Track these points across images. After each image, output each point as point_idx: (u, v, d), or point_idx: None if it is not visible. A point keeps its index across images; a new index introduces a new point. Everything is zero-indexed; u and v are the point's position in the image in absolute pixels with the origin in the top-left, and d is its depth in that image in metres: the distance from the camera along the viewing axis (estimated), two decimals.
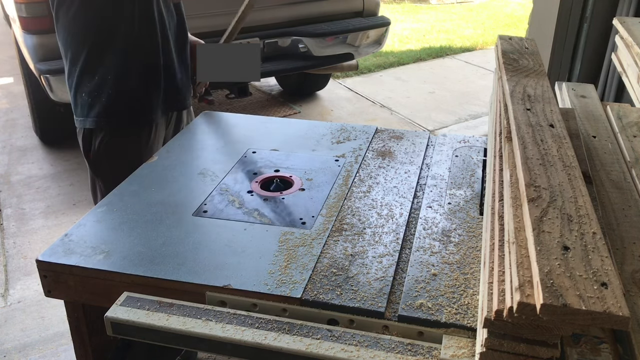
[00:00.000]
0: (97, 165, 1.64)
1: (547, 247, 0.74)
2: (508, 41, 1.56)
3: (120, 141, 1.62)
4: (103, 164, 1.63)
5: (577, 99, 1.67)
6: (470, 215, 1.19)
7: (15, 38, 3.65)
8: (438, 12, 8.36)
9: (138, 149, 1.63)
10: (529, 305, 0.68)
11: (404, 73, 5.66)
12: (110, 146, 1.61)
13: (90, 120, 1.60)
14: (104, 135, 1.60)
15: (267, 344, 0.88)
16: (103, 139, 1.60)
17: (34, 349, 2.29)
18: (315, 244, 1.10)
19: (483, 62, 5.95)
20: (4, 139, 4.09)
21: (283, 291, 0.97)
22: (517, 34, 6.69)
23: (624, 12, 3.06)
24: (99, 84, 1.57)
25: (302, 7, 3.94)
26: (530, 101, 1.19)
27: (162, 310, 0.96)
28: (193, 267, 1.03)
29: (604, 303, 0.65)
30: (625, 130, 1.45)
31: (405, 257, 1.07)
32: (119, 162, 1.60)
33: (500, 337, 0.75)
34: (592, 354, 0.78)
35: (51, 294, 1.10)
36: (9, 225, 3.10)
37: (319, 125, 1.69)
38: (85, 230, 1.16)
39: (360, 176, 1.37)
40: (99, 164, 1.64)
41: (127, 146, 1.63)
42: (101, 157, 1.62)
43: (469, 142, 1.53)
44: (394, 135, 1.59)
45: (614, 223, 1.07)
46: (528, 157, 0.96)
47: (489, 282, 0.81)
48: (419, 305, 0.93)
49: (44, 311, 2.47)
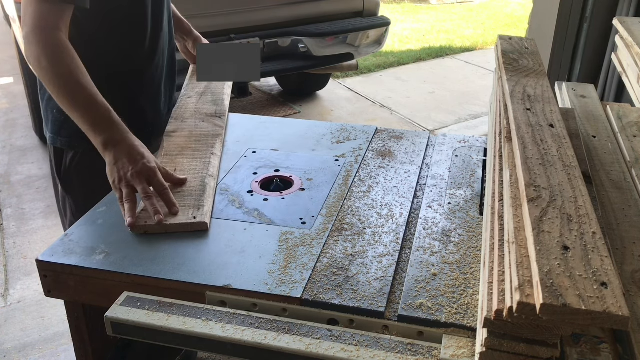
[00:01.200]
0: (68, 183, 1.53)
1: (547, 247, 0.74)
2: (508, 41, 1.56)
3: (93, 161, 1.45)
4: (74, 182, 1.52)
5: (577, 99, 1.67)
6: (470, 215, 1.19)
7: (15, 38, 3.65)
8: (438, 12, 8.36)
9: None
10: (529, 305, 0.68)
11: (404, 73, 5.67)
12: (82, 165, 1.49)
13: (61, 140, 1.48)
14: (74, 154, 1.48)
15: (267, 344, 0.88)
16: (74, 157, 1.49)
17: (34, 349, 2.29)
18: (315, 243, 1.10)
19: (483, 62, 5.96)
20: (4, 139, 4.09)
21: (283, 291, 0.97)
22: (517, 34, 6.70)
23: (624, 12, 3.06)
24: None
25: (302, 7, 3.94)
26: (530, 101, 1.19)
27: (162, 310, 0.96)
28: (193, 267, 1.03)
29: (603, 303, 0.65)
30: (625, 130, 1.45)
31: (405, 257, 1.07)
32: (91, 181, 1.46)
33: (500, 337, 0.75)
34: (592, 354, 0.78)
35: (51, 294, 1.10)
36: (9, 225, 3.11)
37: (319, 125, 1.69)
38: (85, 230, 1.16)
39: (360, 176, 1.37)
40: (70, 181, 1.52)
41: (100, 167, 1.47)
42: (72, 176, 1.51)
43: (469, 142, 1.53)
44: (394, 135, 1.59)
45: (614, 223, 1.07)
46: (528, 157, 0.96)
47: (488, 282, 0.81)
48: (419, 305, 0.93)
49: (44, 311, 2.47)
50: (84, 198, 1.44)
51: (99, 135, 1.21)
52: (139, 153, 1.20)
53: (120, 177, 1.18)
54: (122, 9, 1.39)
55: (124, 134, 1.23)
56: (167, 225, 1.13)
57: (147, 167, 1.18)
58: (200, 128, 1.54)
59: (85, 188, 1.49)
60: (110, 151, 1.20)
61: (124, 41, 1.43)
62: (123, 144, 1.21)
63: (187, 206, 1.19)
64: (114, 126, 1.22)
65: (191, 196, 1.23)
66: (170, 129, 1.52)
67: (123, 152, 1.20)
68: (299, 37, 3.81)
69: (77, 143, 1.46)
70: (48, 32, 1.22)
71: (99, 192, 1.32)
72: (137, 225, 1.13)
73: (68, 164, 1.50)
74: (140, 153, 1.21)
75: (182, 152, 1.41)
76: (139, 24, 1.44)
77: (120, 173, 1.18)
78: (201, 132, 1.52)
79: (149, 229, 1.13)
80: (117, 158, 1.19)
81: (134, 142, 1.22)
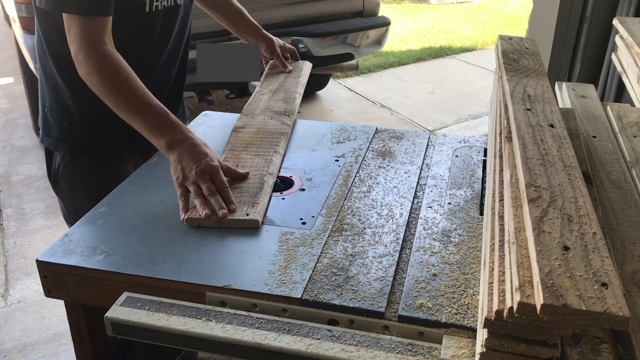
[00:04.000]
0: (57, 185, 1.52)
1: (547, 247, 0.74)
2: (508, 41, 1.56)
3: (81, 168, 1.49)
4: (62, 185, 1.51)
5: (577, 99, 1.67)
6: (470, 215, 1.19)
7: (15, 38, 3.65)
8: (438, 12, 8.36)
9: (100, 178, 1.48)
10: (529, 306, 0.68)
11: (404, 73, 5.66)
12: (69, 170, 1.48)
13: (49, 140, 1.48)
14: (63, 156, 1.47)
15: (267, 344, 0.88)
16: (63, 159, 1.47)
17: (34, 349, 2.29)
18: (315, 244, 1.10)
19: (483, 62, 5.96)
20: (4, 139, 4.09)
21: (283, 291, 0.97)
22: (517, 34, 6.70)
23: (624, 12, 3.06)
24: (62, 105, 1.44)
25: (302, 7, 3.94)
26: (531, 101, 1.19)
27: (162, 310, 0.96)
28: (193, 267, 1.03)
29: (604, 303, 0.65)
30: (625, 130, 1.45)
31: (406, 257, 1.07)
32: (78, 186, 1.48)
33: (501, 337, 0.75)
34: (592, 354, 0.78)
35: (51, 294, 1.10)
36: (9, 225, 3.10)
37: (319, 125, 1.69)
38: (85, 230, 1.16)
39: (360, 176, 1.37)
40: (59, 183, 1.51)
41: (87, 174, 1.49)
42: (61, 178, 1.50)
43: (469, 142, 1.53)
44: (394, 135, 1.59)
45: (614, 223, 1.07)
46: (528, 157, 0.96)
47: (489, 282, 0.81)
48: (419, 306, 0.93)
49: (44, 311, 2.47)
50: (72, 200, 1.44)
51: (161, 137, 1.23)
52: (202, 152, 1.22)
53: (185, 175, 1.20)
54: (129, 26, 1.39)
55: (185, 134, 1.24)
56: (220, 220, 1.15)
57: (209, 165, 1.20)
58: (268, 125, 1.56)
59: (72, 193, 1.48)
60: (175, 151, 1.22)
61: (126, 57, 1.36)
62: (186, 143, 1.22)
63: (243, 202, 1.21)
64: (175, 128, 1.24)
65: (248, 193, 1.24)
66: (239, 124, 1.56)
67: (186, 152, 1.21)
68: (299, 37, 3.81)
69: (62, 147, 1.46)
70: (94, 48, 1.23)
71: (86, 200, 1.31)
72: (191, 218, 1.15)
73: (57, 167, 1.49)
74: (203, 152, 1.22)
75: (247, 148, 1.43)
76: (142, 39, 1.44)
77: (185, 171, 1.20)
78: (268, 129, 1.54)
79: (202, 221, 1.15)
80: (181, 157, 1.21)
81: (196, 141, 1.24)
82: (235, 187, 1.26)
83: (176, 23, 1.51)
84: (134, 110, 1.24)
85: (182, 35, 1.57)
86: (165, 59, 1.53)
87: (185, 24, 1.57)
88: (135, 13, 1.38)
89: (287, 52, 1.91)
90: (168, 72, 1.57)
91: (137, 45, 1.43)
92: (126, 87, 1.24)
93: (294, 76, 1.86)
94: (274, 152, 1.42)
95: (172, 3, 1.46)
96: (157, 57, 1.50)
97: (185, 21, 1.56)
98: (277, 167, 1.39)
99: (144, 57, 1.45)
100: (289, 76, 1.86)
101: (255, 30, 1.81)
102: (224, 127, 1.65)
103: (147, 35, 1.44)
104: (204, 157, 1.21)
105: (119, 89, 1.24)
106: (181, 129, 1.25)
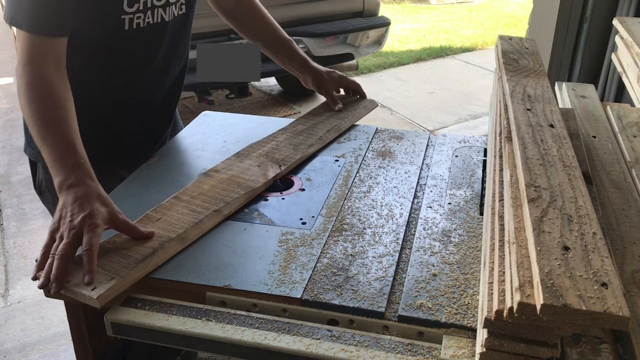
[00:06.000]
0: (43, 196, 1.48)
1: (547, 247, 0.74)
2: (508, 41, 1.56)
3: None
4: (47, 197, 1.46)
5: (577, 99, 1.67)
6: (470, 215, 1.19)
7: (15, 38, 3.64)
8: (438, 12, 8.36)
9: None
10: (529, 306, 0.68)
11: (404, 73, 5.67)
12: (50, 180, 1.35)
13: (31, 151, 1.41)
14: (45, 168, 1.36)
15: (267, 344, 0.88)
16: (46, 172, 1.38)
17: (34, 349, 2.29)
18: (315, 244, 1.10)
19: (483, 62, 5.96)
20: (4, 139, 4.10)
21: (283, 291, 0.97)
22: (517, 34, 6.70)
23: (624, 12, 3.06)
24: None
25: (302, 7, 3.95)
26: (530, 101, 1.19)
27: (162, 310, 0.96)
28: (193, 267, 1.03)
29: (604, 303, 0.65)
30: (625, 130, 1.45)
31: (406, 257, 1.07)
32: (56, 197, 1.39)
33: (500, 337, 0.75)
34: (592, 354, 0.78)
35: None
36: (9, 225, 3.11)
37: None
38: None
39: (360, 176, 1.37)
40: (44, 195, 1.47)
41: None
42: (45, 190, 1.45)
43: (469, 142, 1.53)
44: (394, 136, 1.59)
45: (614, 223, 1.07)
46: (528, 157, 0.96)
47: (489, 282, 0.81)
48: (419, 306, 0.93)
49: (44, 311, 2.47)
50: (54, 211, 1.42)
51: (56, 176, 1.09)
52: (89, 203, 1.03)
53: (59, 226, 1.02)
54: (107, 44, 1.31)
55: (81, 179, 1.07)
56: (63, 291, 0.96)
57: (85, 220, 1.00)
58: (245, 175, 1.30)
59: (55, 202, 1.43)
60: (62, 195, 1.06)
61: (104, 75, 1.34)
62: (77, 189, 1.05)
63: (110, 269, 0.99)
64: (74, 170, 1.08)
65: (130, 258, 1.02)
66: (219, 167, 1.34)
67: (72, 198, 1.04)
68: (299, 37, 3.81)
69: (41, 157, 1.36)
70: (30, 68, 1.16)
71: None
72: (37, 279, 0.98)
73: (40, 177, 1.46)
74: (90, 203, 1.03)
75: (194, 198, 1.20)
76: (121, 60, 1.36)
77: (61, 221, 1.02)
78: (240, 179, 1.28)
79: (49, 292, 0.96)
80: (65, 203, 1.04)
81: (91, 190, 1.06)
82: (125, 248, 1.04)
83: (163, 42, 1.39)
84: (42, 140, 1.12)
85: (174, 55, 1.47)
86: (150, 79, 1.44)
87: (176, 43, 1.45)
88: (112, 30, 1.29)
89: (342, 86, 1.71)
90: (152, 92, 1.47)
91: (114, 64, 1.36)
92: (45, 114, 1.13)
93: (338, 117, 1.61)
94: (215, 210, 1.15)
95: (159, 20, 1.34)
96: (137, 77, 1.41)
97: (177, 40, 1.44)
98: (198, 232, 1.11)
99: (122, 77, 1.38)
100: (332, 116, 1.62)
101: (299, 62, 1.64)
102: (224, 127, 1.65)
103: (127, 54, 1.35)
104: (86, 209, 1.01)
105: (36, 115, 1.13)
106: (80, 172, 1.08)
